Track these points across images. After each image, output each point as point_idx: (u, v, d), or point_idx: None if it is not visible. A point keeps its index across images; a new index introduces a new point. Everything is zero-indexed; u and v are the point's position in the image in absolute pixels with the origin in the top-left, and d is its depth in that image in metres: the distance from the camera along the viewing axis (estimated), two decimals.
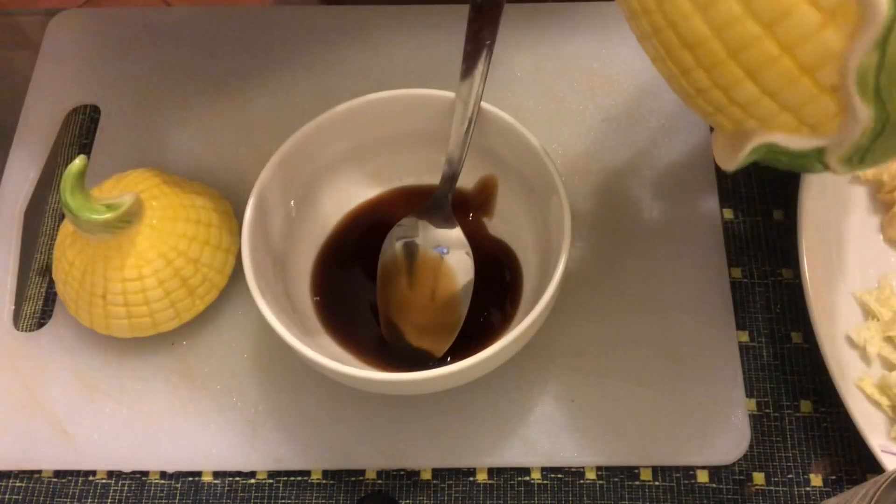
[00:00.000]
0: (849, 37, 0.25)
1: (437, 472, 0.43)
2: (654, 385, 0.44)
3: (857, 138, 0.27)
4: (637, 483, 0.43)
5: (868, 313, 0.44)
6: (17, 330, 0.47)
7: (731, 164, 0.31)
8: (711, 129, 0.51)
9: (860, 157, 0.29)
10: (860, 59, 0.25)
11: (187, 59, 0.55)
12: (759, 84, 0.28)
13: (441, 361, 0.43)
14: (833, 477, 0.43)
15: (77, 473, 0.44)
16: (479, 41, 0.40)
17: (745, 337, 0.46)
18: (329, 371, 0.38)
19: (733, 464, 0.43)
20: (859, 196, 0.48)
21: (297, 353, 0.38)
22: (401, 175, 0.48)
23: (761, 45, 0.27)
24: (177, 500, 0.43)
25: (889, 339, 0.43)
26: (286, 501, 0.43)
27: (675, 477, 0.43)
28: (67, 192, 0.39)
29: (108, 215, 0.40)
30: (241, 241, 0.41)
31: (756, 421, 0.44)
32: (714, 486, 0.42)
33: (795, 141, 0.29)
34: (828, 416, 0.44)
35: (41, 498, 0.43)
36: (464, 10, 0.40)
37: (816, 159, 0.29)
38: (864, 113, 0.26)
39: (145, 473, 0.44)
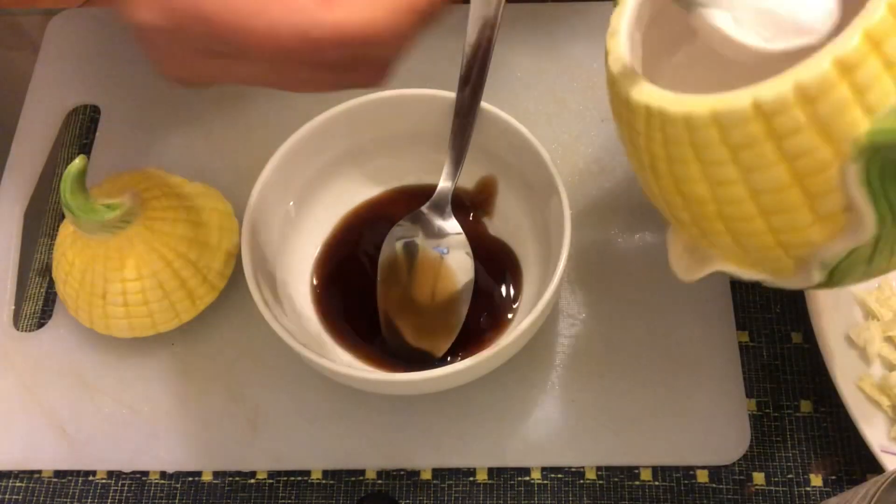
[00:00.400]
0: (829, 236, 0.28)
1: (437, 472, 0.43)
2: (654, 385, 0.44)
3: (799, 286, 0.31)
4: (637, 483, 0.43)
5: (868, 313, 0.44)
6: (17, 330, 0.47)
7: (686, 278, 0.34)
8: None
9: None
10: (833, 252, 0.29)
11: None
12: (737, 242, 0.30)
13: (441, 361, 0.43)
14: (833, 477, 0.43)
15: (77, 473, 0.44)
16: (478, 42, 0.40)
17: (745, 337, 0.46)
18: (329, 371, 0.38)
19: (733, 464, 0.43)
20: None
21: (297, 353, 0.38)
22: (401, 175, 0.48)
23: (753, 223, 0.29)
24: (177, 500, 0.43)
25: (889, 339, 0.43)
26: (286, 501, 0.43)
27: (675, 477, 0.43)
28: (67, 192, 0.39)
29: (108, 215, 0.40)
30: (241, 242, 0.41)
31: (756, 421, 0.44)
32: (714, 486, 0.42)
33: (748, 274, 0.32)
34: (828, 416, 0.44)
35: (41, 498, 0.43)
36: (464, 10, 0.40)
37: (760, 282, 0.33)
38: (818, 278, 0.30)
39: (145, 473, 0.44)
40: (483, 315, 0.44)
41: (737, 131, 0.27)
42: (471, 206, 0.47)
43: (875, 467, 0.41)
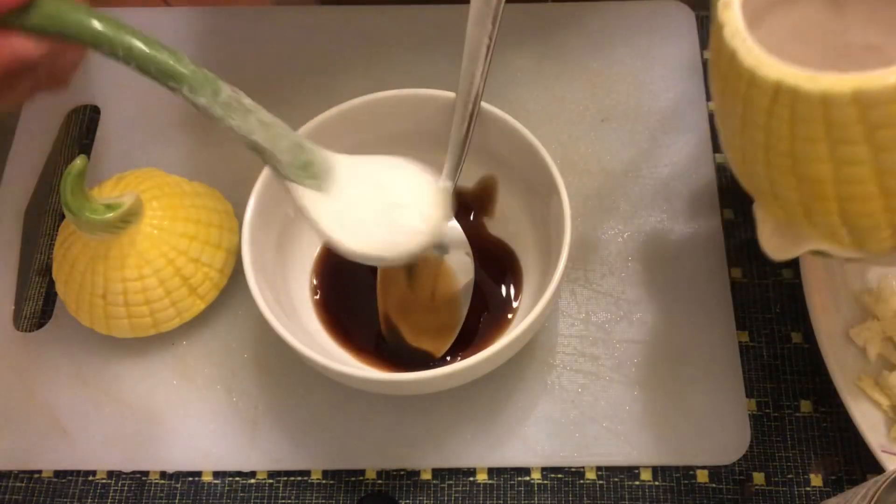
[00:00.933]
0: None
1: (437, 472, 0.43)
2: (654, 385, 0.44)
3: (892, 263, 0.32)
4: (637, 483, 0.43)
5: (868, 313, 0.44)
6: (17, 330, 0.47)
7: (781, 257, 0.34)
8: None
9: None
10: None
11: None
12: (845, 222, 0.31)
13: (441, 361, 0.43)
14: (833, 477, 0.43)
15: (77, 473, 0.44)
16: (479, 41, 0.40)
17: (745, 337, 0.46)
18: (329, 371, 0.38)
19: (733, 464, 0.43)
20: None
21: (297, 353, 0.38)
22: None
23: (870, 204, 0.29)
24: (177, 500, 0.43)
25: (889, 339, 0.43)
26: (286, 501, 0.43)
27: (675, 477, 0.43)
28: (67, 192, 0.39)
29: (109, 215, 0.40)
30: (241, 241, 0.41)
31: (756, 421, 0.44)
32: (714, 486, 0.42)
33: (843, 252, 0.32)
34: (828, 416, 0.44)
35: (41, 498, 0.43)
36: (464, 10, 0.40)
37: (846, 259, 0.33)
38: None
39: (145, 473, 0.44)
40: (483, 315, 0.44)
41: (877, 110, 0.27)
42: (471, 206, 0.47)
43: (875, 467, 0.41)
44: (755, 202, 0.35)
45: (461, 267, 0.44)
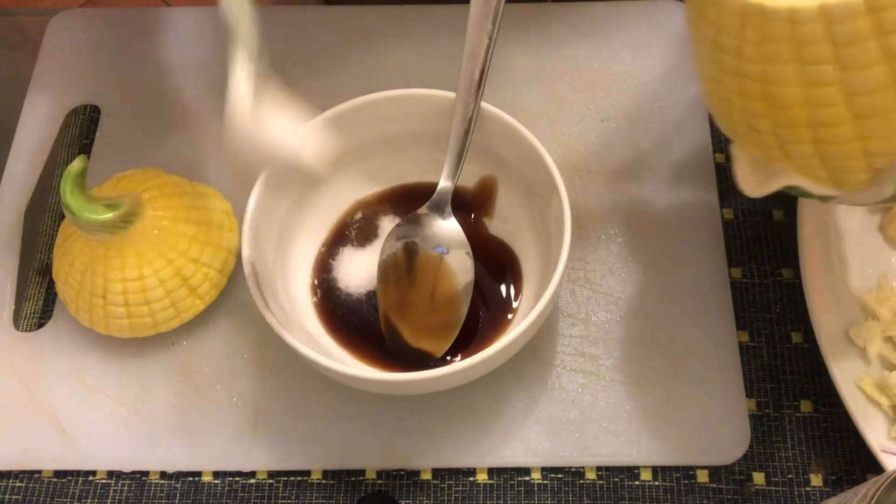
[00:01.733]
0: None
1: (437, 472, 0.43)
2: (654, 385, 0.44)
3: (868, 200, 0.32)
4: (637, 483, 0.43)
5: (868, 313, 0.44)
6: (17, 330, 0.47)
7: (755, 194, 0.34)
8: (719, 135, 0.51)
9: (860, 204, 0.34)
10: None
11: (187, 59, 0.55)
12: (818, 151, 0.30)
13: (441, 361, 0.43)
14: (833, 477, 0.43)
15: (77, 473, 0.44)
16: (479, 41, 0.40)
17: (745, 337, 0.46)
18: (329, 371, 0.38)
19: (733, 464, 0.43)
20: None
21: (297, 353, 0.38)
22: (401, 175, 0.48)
23: (841, 128, 0.29)
24: (177, 500, 0.43)
25: (889, 339, 0.43)
26: (286, 501, 0.43)
27: (675, 477, 0.43)
28: (67, 192, 0.39)
29: (108, 215, 0.40)
30: (241, 241, 0.41)
31: (756, 421, 0.44)
32: (714, 486, 0.42)
33: (818, 189, 0.32)
34: (828, 416, 0.44)
35: (41, 498, 0.43)
36: (464, 10, 0.40)
37: (821, 198, 0.33)
38: (889, 192, 0.31)
39: (145, 473, 0.44)
40: (483, 315, 0.44)
41: (843, 26, 0.27)
42: (471, 205, 0.47)
43: (875, 467, 0.41)
44: (732, 142, 0.35)
45: (461, 267, 0.44)
